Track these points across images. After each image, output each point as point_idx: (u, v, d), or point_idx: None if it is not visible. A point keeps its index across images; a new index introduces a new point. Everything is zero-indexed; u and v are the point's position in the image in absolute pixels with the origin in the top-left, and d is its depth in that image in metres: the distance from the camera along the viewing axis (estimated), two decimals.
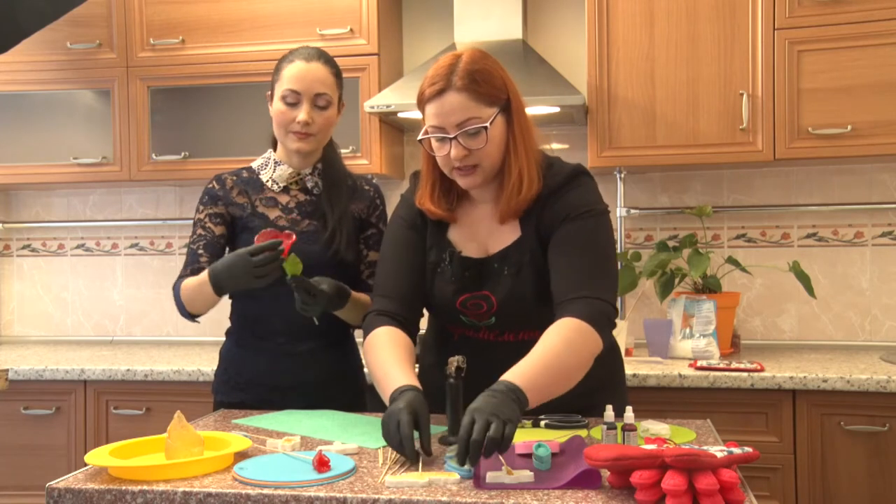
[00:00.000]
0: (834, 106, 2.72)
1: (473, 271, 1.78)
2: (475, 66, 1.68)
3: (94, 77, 3.21)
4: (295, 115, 1.99)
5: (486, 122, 1.67)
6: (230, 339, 2.15)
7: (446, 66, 1.69)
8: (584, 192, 1.76)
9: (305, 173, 2.10)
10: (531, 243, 1.74)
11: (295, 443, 1.60)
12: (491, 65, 1.71)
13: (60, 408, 2.88)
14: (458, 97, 1.66)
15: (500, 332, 1.80)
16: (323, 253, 1.99)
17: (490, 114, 1.68)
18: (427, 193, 1.82)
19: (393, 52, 3.24)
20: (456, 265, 1.78)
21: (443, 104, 1.67)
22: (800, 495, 2.46)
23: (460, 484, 1.36)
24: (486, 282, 1.77)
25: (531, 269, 1.74)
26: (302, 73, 1.99)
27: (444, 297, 1.79)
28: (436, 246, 1.82)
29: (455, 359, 1.65)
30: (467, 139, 1.68)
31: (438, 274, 1.81)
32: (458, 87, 1.66)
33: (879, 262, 3.07)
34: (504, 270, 1.75)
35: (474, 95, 1.66)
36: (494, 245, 1.78)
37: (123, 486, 1.38)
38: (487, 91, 1.68)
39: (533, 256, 1.74)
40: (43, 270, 3.67)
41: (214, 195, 2.07)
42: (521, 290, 1.74)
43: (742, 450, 1.32)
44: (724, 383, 2.48)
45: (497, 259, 1.77)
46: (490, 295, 1.76)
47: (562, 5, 3.27)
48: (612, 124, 2.87)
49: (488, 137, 1.68)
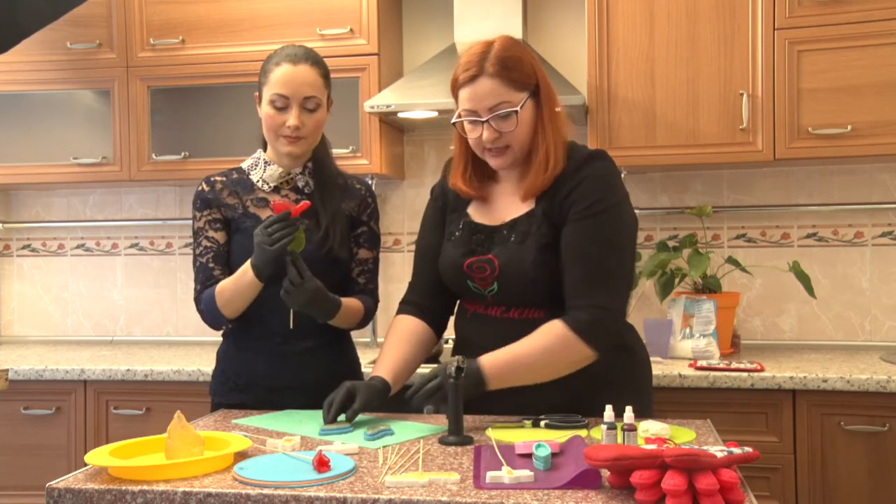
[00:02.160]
0: (834, 106, 2.72)
1: (482, 236, 1.88)
2: (507, 52, 1.78)
3: (94, 77, 3.21)
4: (285, 120, 1.99)
5: (517, 107, 1.77)
6: (227, 339, 2.15)
7: (479, 53, 1.79)
8: (596, 182, 1.81)
9: (296, 173, 2.09)
10: (539, 218, 1.82)
11: (295, 443, 1.60)
12: (521, 51, 1.82)
13: (60, 408, 2.88)
14: (490, 82, 1.76)
15: (505, 308, 1.86)
16: (316, 251, 1.99)
17: (520, 98, 1.78)
18: (459, 174, 1.93)
19: (393, 52, 3.24)
20: (466, 230, 1.90)
21: (475, 89, 1.77)
22: (800, 495, 2.46)
23: (460, 484, 1.36)
24: (493, 247, 1.85)
25: (535, 240, 1.80)
26: (289, 76, 1.98)
27: (453, 261, 1.89)
28: (455, 221, 1.94)
29: (455, 359, 1.66)
30: (499, 122, 1.78)
31: (451, 241, 1.92)
32: (490, 72, 1.76)
33: (879, 262, 3.07)
34: (511, 238, 1.84)
35: (506, 81, 1.76)
36: (506, 216, 1.88)
37: (123, 486, 1.38)
38: (518, 77, 1.77)
39: (539, 229, 1.81)
40: (43, 270, 3.67)
41: (206, 199, 2.08)
42: (523, 256, 1.80)
43: (742, 450, 1.32)
44: (724, 383, 2.48)
45: (506, 227, 1.86)
46: (494, 259, 1.83)
47: (562, 5, 3.27)
48: (612, 124, 2.87)
49: (518, 121, 1.78)
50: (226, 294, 1.98)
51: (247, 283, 1.94)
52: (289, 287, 1.86)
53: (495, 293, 1.85)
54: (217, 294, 1.99)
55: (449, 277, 1.92)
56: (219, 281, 2.02)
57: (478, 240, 1.87)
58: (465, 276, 1.87)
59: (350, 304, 2.04)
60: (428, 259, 1.98)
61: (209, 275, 2.04)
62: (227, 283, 1.99)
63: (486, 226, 1.88)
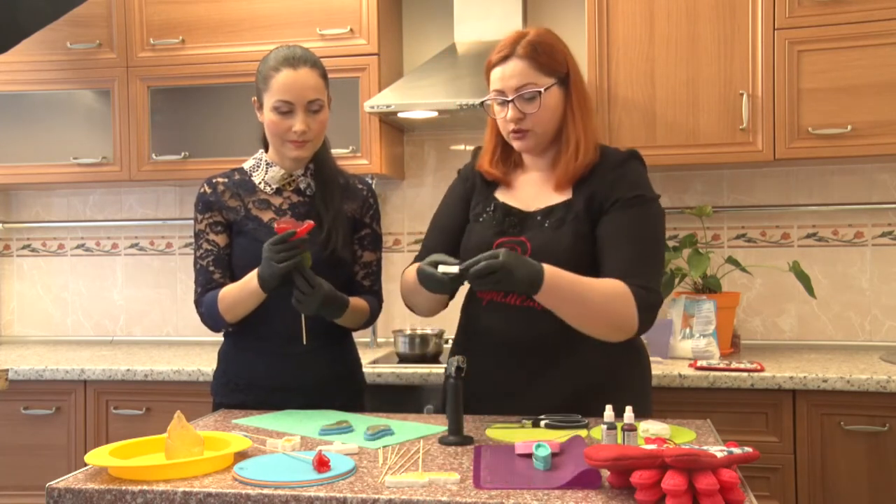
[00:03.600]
0: (834, 106, 2.72)
1: (514, 219, 1.90)
2: (539, 38, 1.86)
3: (94, 77, 3.21)
4: (290, 125, 1.98)
5: (541, 89, 1.82)
6: (229, 340, 2.15)
7: (513, 38, 1.87)
8: (637, 177, 1.88)
9: (298, 174, 2.09)
10: (578, 208, 1.85)
11: (295, 443, 1.60)
12: (554, 40, 1.89)
13: (60, 408, 2.88)
14: (519, 64, 1.84)
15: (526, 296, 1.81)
16: (319, 254, 1.99)
17: (546, 82, 1.84)
18: (487, 156, 1.98)
19: (393, 52, 3.24)
20: (499, 212, 1.92)
21: (504, 69, 1.85)
22: (800, 495, 2.46)
23: (460, 484, 1.36)
24: (526, 231, 1.88)
25: (571, 228, 1.83)
26: (291, 81, 1.97)
27: (483, 240, 1.89)
28: (482, 202, 1.97)
29: (455, 359, 1.66)
30: (523, 103, 1.84)
31: (480, 223, 1.94)
32: (520, 54, 1.84)
33: (879, 262, 3.07)
34: (545, 223, 1.86)
35: (534, 64, 1.83)
36: (540, 203, 1.90)
37: (123, 486, 1.38)
38: (547, 62, 1.84)
39: (577, 219, 1.84)
40: (43, 270, 3.67)
41: (207, 201, 2.07)
42: (558, 242, 1.83)
43: (742, 450, 1.32)
44: (724, 383, 2.48)
45: (541, 213, 1.88)
46: (527, 241, 1.86)
47: (562, 5, 3.27)
48: (612, 124, 2.87)
49: (542, 104, 1.83)
50: (228, 300, 1.98)
51: (251, 291, 1.93)
52: (300, 296, 1.87)
53: None
54: (220, 299, 1.99)
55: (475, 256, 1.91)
56: (219, 284, 2.02)
57: (511, 221, 1.90)
58: None
59: (357, 303, 2.05)
60: (445, 231, 2.00)
61: (209, 278, 2.04)
62: (231, 290, 1.98)
63: (520, 210, 1.91)
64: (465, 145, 3.33)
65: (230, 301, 1.98)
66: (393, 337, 2.96)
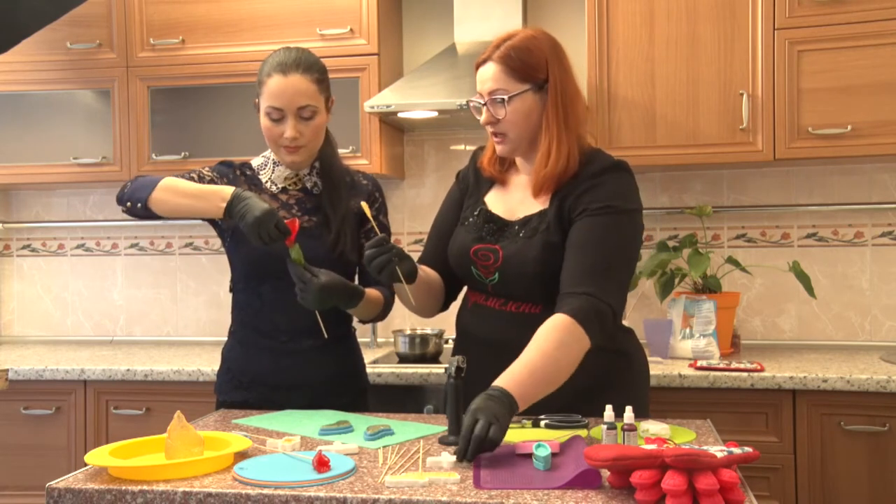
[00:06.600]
0: (834, 106, 2.72)
1: (494, 226, 1.92)
2: (519, 43, 1.84)
3: (94, 77, 3.21)
4: (282, 131, 1.99)
5: (506, 95, 1.82)
6: (233, 337, 2.15)
7: (498, 40, 1.87)
8: (614, 188, 1.84)
9: (304, 174, 2.10)
10: (550, 218, 1.85)
11: (295, 443, 1.60)
12: (536, 45, 1.85)
13: (60, 408, 2.88)
14: (493, 68, 1.84)
15: (504, 300, 1.89)
16: (327, 254, 2.00)
17: (518, 88, 1.83)
18: (487, 154, 2.00)
19: (393, 52, 3.24)
20: (481, 217, 1.95)
21: (482, 73, 1.87)
22: (800, 495, 2.46)
23: (460, 484, 1.36)
24: (502, 239, 1.89)
25: (542, 238, 1.84)
26: (280, 88, 1.96)
27: (463, 246, 1.94)
28: (471, 206, 1.99)
29: (455, 359, 1.66)
30: (494, 107, 1.85)
31: (464, 226, 1.97)
32: (495, 59, 1.84)
33: (879, 262, 3.07)
34: (521, 233, 1.87)
35: (506, 69, 1.83)
36: (521, 212, 1.91)
37: (123, 486, 1.38)
38: (519, 67, 1.83)
39: (548, 229, 1.84)
40: (43, 270, 3.67)
41: (223, 171, 2.10)
42: (527, 252, 1.83)
43: (742, 450, 1.32)
44: (724, 383, 2.48)
45: (519, 223, 1.90)
46: (500, 250, 1.88)
47: (562, 5, 3.27)
48: (612, 124, 2.87)
49: (507, 109, 1.83)
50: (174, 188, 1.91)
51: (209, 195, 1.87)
52: (301, 287, 1.88)
53: (496, 283, 1.88)
54: (167, 180, 1.93)
55: (455, 260, 1.96)
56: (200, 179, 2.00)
57: (489, 229, 1.92)
58: (471, 261, 1.91)
59: (372, 293, 2.04)
60: (442, 237, 2.03)
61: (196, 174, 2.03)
62: (187, 183, 1.93)
63: (501, 218, 1.92)
64: (465, 145, 3.33)
65: (178, 190, 1.91)
66: (393, 337, 2.96)
